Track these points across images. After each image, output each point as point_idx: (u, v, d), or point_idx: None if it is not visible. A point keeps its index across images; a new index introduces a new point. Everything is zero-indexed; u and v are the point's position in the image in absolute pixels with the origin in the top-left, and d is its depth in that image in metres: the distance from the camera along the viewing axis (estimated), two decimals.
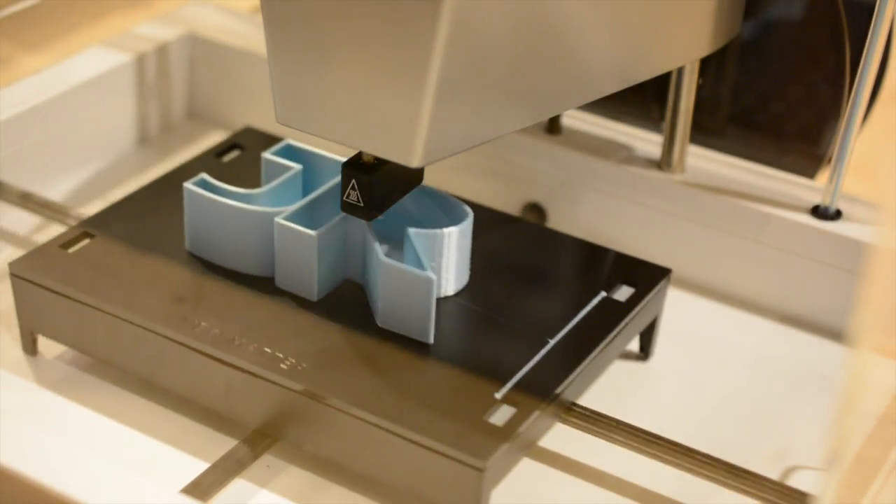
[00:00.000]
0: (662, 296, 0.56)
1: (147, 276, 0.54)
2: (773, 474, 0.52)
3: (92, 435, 0.52)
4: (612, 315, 0.53)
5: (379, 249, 0.51)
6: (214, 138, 0.73)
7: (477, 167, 0.65)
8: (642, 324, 0.56)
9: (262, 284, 0.54)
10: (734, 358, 0.59)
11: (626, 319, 0.53)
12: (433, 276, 0.50)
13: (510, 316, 0.53)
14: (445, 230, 0.52)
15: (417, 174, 0.54)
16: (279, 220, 0.52)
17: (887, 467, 0.46)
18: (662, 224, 0.62)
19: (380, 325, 0.52)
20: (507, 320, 0.53)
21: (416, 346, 0.51)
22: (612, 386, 0.56)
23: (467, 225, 0.53)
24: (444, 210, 0.54)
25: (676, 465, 0.50)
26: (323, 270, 0.53)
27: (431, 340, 0.51)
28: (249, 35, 0.72)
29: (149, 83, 0.71)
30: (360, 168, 0.51)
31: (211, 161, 0.61)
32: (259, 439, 0.51)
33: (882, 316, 0.36)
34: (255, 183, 0.58)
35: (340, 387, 0.49)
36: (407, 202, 0.55)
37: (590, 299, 0.54)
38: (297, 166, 0.56)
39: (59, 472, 0.46)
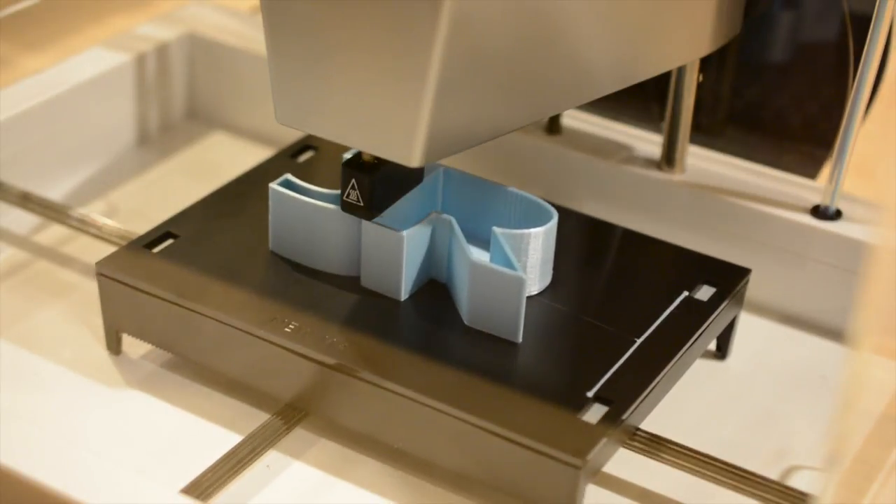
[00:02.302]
0: (742, 295, 0.57)
1: (232, 275, 0.54)
2: (773, 474, 0.52)
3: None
4: (695, 314, 0.54)
5: (468, 249, 0.51)
6: (215, 138, 0.73)
7: (477, 167, 0.65)
8: (723, 323, 0.56)
9: (348, 284, 0.54)
10: (734, 358, 0.59)
11: (710, 318, 0.54)
12: (524, 276, 0.50)
13: (594, 315, 0.53)
14: (532, 230, 0.52)
15: (417, 174, 0.54)
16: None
17: (887, 467, 0.46)
18: (662, 224, 0.62)
19: (467, 324, 0.52)
20: (591, 319, 0.53)
21: (505, 346, 0.51)
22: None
23: (552, 225, 0.53)
24: (529, 210, 0.55)
25: (676, 465, 0.50)
26: (410, 270, 0.53)
27: (520, 339, 0.51)
28: (249, 35, 0.72)
29: (149, 83, 0.71)
30: (360, 168, 0.51)
31: (286, 161, 0.61)
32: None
33: (882, 316, 0.36)
34: (331, 183, 0.58)
35: (435, 386, 0.49)
36: (489, 202, 0.55)
37: (672, 299, 0.54)
38: None
39: (59, 472, 0.46)
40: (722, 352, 0.58)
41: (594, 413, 0.48)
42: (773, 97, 0.63)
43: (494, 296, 0.51)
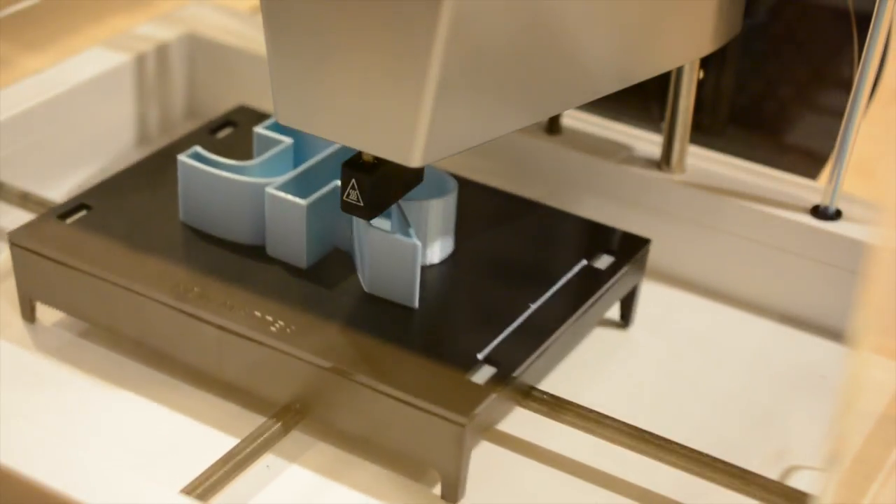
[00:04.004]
0: (642, 265, 0.58)
1: (142, 244, 0.56)
2: (773, 474, 0.52)
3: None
4: (592, 282, 0.55)
5: None
6: None
7: (477, 167, 0.65)
8: (622, 292, 0.57)
9: (254, 253, 0.55)
10: (734, 358, 0.59)
11: (606, 286, 0.55)
12: (418, 242, 0.52)
13: (493, 283, 0.55)
14: (431, 200, 0.54)
15: (417, 174, 0.54)
16: (270, 189, 0.54)
17: (887, 467, 0.46)
18: (662, 224, 0.62)
19: (367, 290, 0.53)
20: (490, 287, 0.55)
21: (402, 311, 0.53)
22: (621, 386, 0.57)
23: (452, 196, 0.55)
24: (430, 181, 0.56)
25: (676, 465, 0.50)
26: (312, 239, 0.54)
27: (416, 305, 0.53)
28: (249, 35, 0.72)
29: (149, 83, 0.71)
30: (360, 168, 0.51)
31: (205, 137, 0.63)
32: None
33: (882, 316, 0.36)
34: (248, 158, 0.60)
35: (327, 348, 0.51)
36: None
37: (571, 267, 0.56)
38: (288, 140, 0.58)
39: (59, 472, 0.46)
40: (625, 320, 0.60)
41: (483, 374, 0.50)
42: (774, 97, 0.63)
43: (391, 263, 0.52)
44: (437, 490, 0.51)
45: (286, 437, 0.52)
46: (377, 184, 0.51)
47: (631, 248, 0.57)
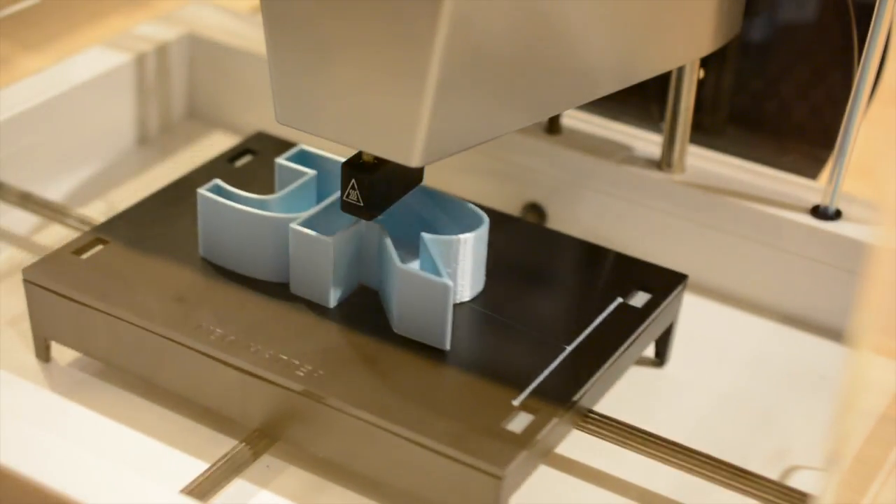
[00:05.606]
0: (678, 301, 0.56)
1: (161, 282, 0.53)
2: (773, 474, 0.52)
3: (95, 437, 0.52)
4: (628, 321, 0.53)
5: (395, 255, 0.51)
6: (215, 138, 0.73)
7: (477, 167, 0.65)
8: (658, 330, 0.55)
9: (277, 290, 0.53)
10: (734, 358, 0.59)
11: (643, 326, 0.53)
12: (450, 283, 0.49)
13: (526, 322, 0.52)
14: (461, 236, 0.52)
15: (417, 174, 0.54)
16: (294, 226, 0.52)
17: (887, 467, 0.46)
18: (662, 224, 0.62)
19: (396, 331, 0.51)
20: (523, 326, 0.52)
21: (433, 353, 0.50)
22: (621, 389, 0.57)
23: (483, 231, 0.52)
24: (458, 215, 0.54)
25: (676, 465, 0.50)
26: (338, 276, 0.52)
27: (448, 347, 0.51)
28: (249, 35, 0.72)
29: (149, 83, 0.71)
30: (360, 168, 0.51)
31: (223, 166, 0.61)
32: (263, 440, 0.51)
33: (882, 316, 0.36)
34: (268, 188, 0.58)
35: (358, 395, 0.48)
36: (421, 207, 0.54)
37: (606, 305, 0.53)
38: (311, 172, 0.56)
39: (59, 472, 0.46)
40: (661, 358, 0.58)
41: (519, 422, 0.47)
42: (774, 97, 0.63)
43: (421, 303, 0.50)
44: None
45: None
46: (377, 184, 0.51)
47: (667, 284, 0.55)
